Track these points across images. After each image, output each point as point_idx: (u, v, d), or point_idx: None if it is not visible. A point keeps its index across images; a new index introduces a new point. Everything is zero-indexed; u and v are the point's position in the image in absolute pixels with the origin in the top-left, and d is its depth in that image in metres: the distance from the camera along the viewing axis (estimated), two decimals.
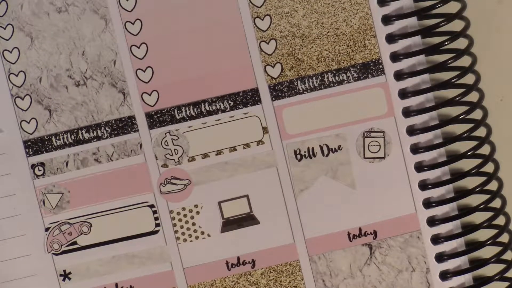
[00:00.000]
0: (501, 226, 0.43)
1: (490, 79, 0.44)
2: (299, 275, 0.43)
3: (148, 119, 0.42)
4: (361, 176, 0.43)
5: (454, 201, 0.43)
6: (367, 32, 0.42)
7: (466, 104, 0.43)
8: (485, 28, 0.45)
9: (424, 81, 0.42)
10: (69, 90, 0.42)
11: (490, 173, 0.43)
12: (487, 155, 0.43)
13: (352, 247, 0.43)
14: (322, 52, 0.42)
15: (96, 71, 0.42)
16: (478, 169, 0.43)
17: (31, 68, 0.42)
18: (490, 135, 0.43)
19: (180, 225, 0.43)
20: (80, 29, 0.42)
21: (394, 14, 0.42)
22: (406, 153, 0.42)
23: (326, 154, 0.42)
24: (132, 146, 0.42)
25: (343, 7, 0.42)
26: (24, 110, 0.42)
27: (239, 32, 0.42)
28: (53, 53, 0.42)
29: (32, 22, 0.41)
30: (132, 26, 0.42)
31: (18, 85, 0.42)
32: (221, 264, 0.43)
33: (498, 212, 0.43)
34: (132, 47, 0.42)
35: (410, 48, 0.42)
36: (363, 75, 0.42)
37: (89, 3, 0.41)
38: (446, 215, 0.43)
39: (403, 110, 0.42)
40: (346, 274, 0.43)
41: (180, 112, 0.42)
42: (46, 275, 0.43)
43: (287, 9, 0.42)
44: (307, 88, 0.42)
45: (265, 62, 0.42)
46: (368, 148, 0.43)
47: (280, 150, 0.42)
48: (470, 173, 0.43)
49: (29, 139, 0.42)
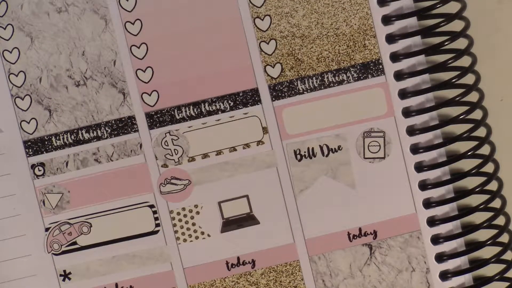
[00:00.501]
0: (501, 226, 0.43)
1: (490, 79, 0.44)
2: (299, 275, 0.43)
3: (148, 119, 0.42)
4: (361, 176, 0.43)
5: (454, 201, 0.43)
6: (367, 32, 0.42)
7: (466, 104, 0.43)
8: (485, 28, 0.45)
9: (424, 81, 0.42)
10: (69, 90, 0.42)
11: (490, 173, 0.43)
12: (487, 155, 0.43)
13: (352, 247, 0.43)
14: (322, 52, 0.42)
15: (96, 71, 0.42)
16: (478, 169, 0.43)
17: (31, 68, 0.42)
18: (490, 135, 0.43)
19: (180, 225, 0.43)
20: (80, 29, 0.42)
21: (394, 14, 0.42)
22: (406, 153, 0.42)
23: (326, 154, 0.42)
24: (132, 146, 0.42)
25: (343, 7, 0.42)
26: (24, 110, 0.42)
27: (239, 32, 0.42)
28: (53, 53, 0.42)
29: (32, 22, 0.41)
30: (132, 26, 0.42)
31: (18, 85, 0.42)
32: (221, 264, 0.43)
33: (498, 212, 0.43)
34: (132, 47, 0.42)
35: (410, 48, 0.42)
36: (363, 75, 0.42)
37: (89, 3, 0.41)
38: (446, 215, 0.43)
39: (403, 110, 0.42)
40: (346, 274, 0.43)
41: (180, 112, 0.42)
42: (46, 275, 0.43)
43: (287, 9, 0.42)
44: (307, 88, 0.42)
45: (265, 62, 0.42)
46: (368, 148, 0.42)
47: (280, 150, 0.42)
48: (470, 173, 0.43)
49: (29, 139, 0.42)
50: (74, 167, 0.42)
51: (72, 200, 0.43)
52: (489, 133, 0.43)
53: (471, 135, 0.42)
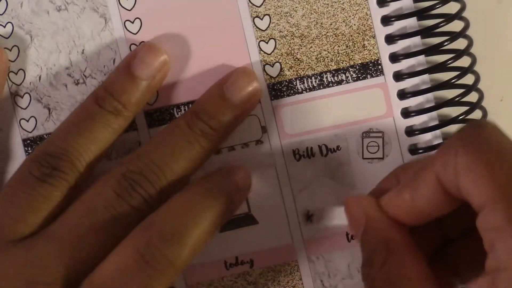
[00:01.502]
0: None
1: (490, 79, 0.44)
2: (297, 275, 0.43)
3: (147, 118, 0.42)
4: (359, 176, 0.42)
5: None
6: (366, 32, 0.42)
7: (466, 104, 0.43)
8: (485, 28, 0.45)
9: (423, 82, 0.42)
10: (69, 88, 0.42)
11: None
12: None
13: (350, 247, 0.43)
14: (321, 52, 0.42)
15: (96, 69, 0.42)
16: None
17: (30, 66, 0.42)
18: None
19: None
20: (79, 28, 0.42)
21: (394, 14, 0.42)
22: (404, 154, 0.42)
23: (324, 154, 0.42)
24: (131, 144, 0.42)
25: (343, 8, 0.42)
26: (23, 109, 0.42)
27: (238, 32, 0.42)
28: (53, 51, 0.42)
29: (32, 21, 0.42)
30: (132, 25, 0.42)
31: (17, 83, 0.42)
32: (219, 264, 0.43)
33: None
34: (131, 45, 0.42)
35: (409, 49, 0.42)
36: (362, 76, 0.42)
37: (88, 2, 0.41)
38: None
39: (402, 110, 0.42)
40: (345, 274, 0.43)
41: (179, 111, 0.42)
42: None
43: (287, 9, 0.42)
44: (306, 88, 0.42)
45: (264, 61, 0.42)
46: (367, 148, 0.42)
47: (278, 150, 0.42)
48: None
49: (28, 138, 0.42)
50: None
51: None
52: None
53: None
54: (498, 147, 0.31)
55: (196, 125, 0.39)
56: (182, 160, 0.39)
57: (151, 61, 0.40)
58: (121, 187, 0.37)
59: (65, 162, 0.38)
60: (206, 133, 0.39)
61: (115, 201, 0.37)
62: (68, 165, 0.38)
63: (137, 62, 0.39)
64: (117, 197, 0.37)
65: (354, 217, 0.37)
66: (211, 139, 0.39)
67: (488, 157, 0.31)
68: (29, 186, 0.37)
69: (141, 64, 0.39)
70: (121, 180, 0.37)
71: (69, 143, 0.38)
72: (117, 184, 0.37)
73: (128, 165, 0.38)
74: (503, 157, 0.31)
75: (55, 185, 0.37)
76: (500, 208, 0.30)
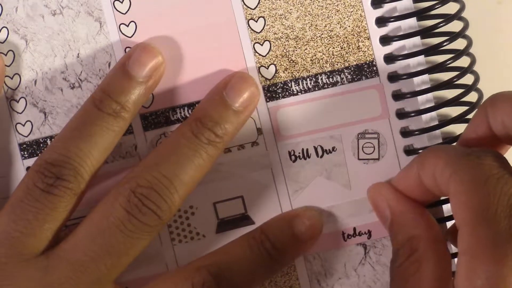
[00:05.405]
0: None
1: (490, 79, 0.44)
2: (294, 275, 0.43)
3: (143, 121, 0.42)
4: (355, 177, 0.43)
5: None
6: (361, 34, 0.42)
7: (466, 104, 0.43)
8: (485, 28, 0.45)
9: (423, 82, 0.42)
10: (64, 92, 0.42)
11: None
12: None
13: (346, 247, 0.43)
14: (316, 54, 0.42)
15: (91, 73, 0.42)
16: None
17: (25, 71, 0.42)
18: None
19: (175, 226, 0.43)
20: (75, 32, 0.42)
21: (392, 15, 0.41)
22: (400, 155, 0.42)
23: (320, 155, 0.43)
24: (127, 148, 0.42)
25: (337, 10, 0.42)
26: (19, 113, 0.42)
27: (233, 34, 0.42)
28: (48, 55, 0.42)
29: (27, 25, 0.42)
30: (127, 28, 0.42)
31: (13, 88, 0.42)
32: None
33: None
34: (126, 49, 0.42)
35: (404, 49, 0.42)
36: (357, 77, 0.42)
37: (83, 6, 0.41)
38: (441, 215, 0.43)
39: (397, 111, 0.42)
40: (341, 274, 0.43)
41: (175, 114, 0.42)
42: None
43: (281, 11, 0.42)
44: (301, 90, 0.42)
45: (259, 63, 0.42)
46: (362, 149, 0.42)
47: (274, 151, 0.43)
48: None
49: (24, 142, 0.42)
50: None
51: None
52: None
53: None
54: (485, 179, 0.32)
55: (202, 133, 0.39)
56: (190, 169, 0.39)
57: (147, 60, 0.40)
58: (131, 204, 0.37)
59: (68, 170, 0.38)
60: (212, 141, 0.39)
61: (125, 220, 0.37)
62: (71, 173, 0.38)
63: (133, 62, 0.39)
64: (128, 215, 0.37)
65: (378, 208, 0.40)
66: (218, 146, 0.39)
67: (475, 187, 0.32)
68: (34, 198, 0.37)
69: (137, 63, 0.39)
70: (130, 197, 0.38)
71: (71, 150, 0.38)
72: (127, 202, 0.38)
73: (138, 180, 0.38)
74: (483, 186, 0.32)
75: (60, 195, 0.38)
76: (465, 232, 0.31)
